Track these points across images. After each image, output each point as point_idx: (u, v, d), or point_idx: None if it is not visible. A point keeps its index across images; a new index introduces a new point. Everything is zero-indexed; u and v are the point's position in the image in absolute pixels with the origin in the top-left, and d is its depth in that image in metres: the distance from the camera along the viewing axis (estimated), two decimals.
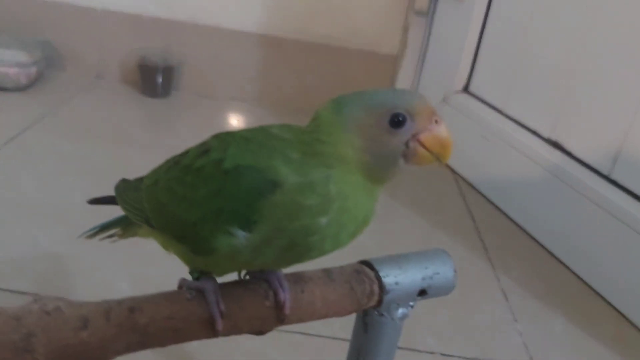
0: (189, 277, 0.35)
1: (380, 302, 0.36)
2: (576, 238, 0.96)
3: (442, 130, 0.31)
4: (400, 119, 0.30)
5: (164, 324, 0.30)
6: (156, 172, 0.37)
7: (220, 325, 0.31)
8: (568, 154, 1.02)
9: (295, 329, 0.72)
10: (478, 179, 1.20)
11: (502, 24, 1.19)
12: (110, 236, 0.45)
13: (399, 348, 0.71)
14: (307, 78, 1.46)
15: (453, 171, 1.26)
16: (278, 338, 0.70)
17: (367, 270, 0.36)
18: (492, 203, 1.14)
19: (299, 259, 0.32)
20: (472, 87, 1.28)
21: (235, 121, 1.42)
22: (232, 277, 0.36)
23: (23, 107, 1.27)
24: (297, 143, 0.31)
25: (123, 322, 0.28)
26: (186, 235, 0.32)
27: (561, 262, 0.98)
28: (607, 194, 0.92)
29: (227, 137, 0.33)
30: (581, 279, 0.94)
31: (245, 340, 0.67)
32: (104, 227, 0.44)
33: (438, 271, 0.37)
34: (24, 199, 0.92)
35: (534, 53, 1.10)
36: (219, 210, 0.30)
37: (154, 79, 1.41)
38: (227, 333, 0.32)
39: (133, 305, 0.29)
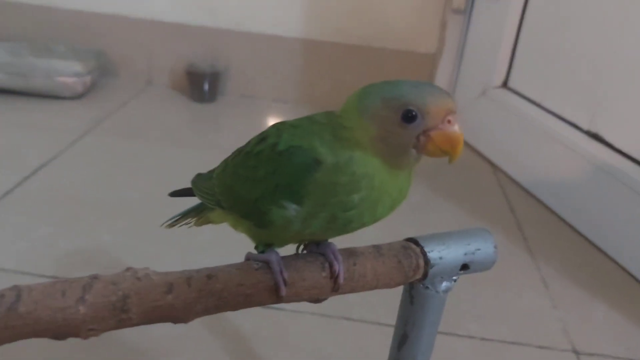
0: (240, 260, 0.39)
1: (425, 275, 0.39)
2: (618, 228, 0.96)
3: (453, 130, 0.32)
4: (412, 114, 0.31)
5: (236, 290, 0.34)
6: (224, 161, 0.42)
7: (283, 291, 0.35)
8: (608, 145, 1.03)
9: (340, 314, 0.76)
10: (517, 171, 1.21)
11: (539, 19, 1.21)
12: (187, 223, 0.50)
13: (440, 333, 0.74)
14: (346, 79, 1.51)
15: (492, 164, 1.28)
16: (325, 324, 0.74)
17: (413, 246, 0.40)
18: (531, 195, 1.16)
19: (343, 229, 0.35)
20: (511, 83, 1.29)
21: (277, 121, 1.47)
22: (292, 251, 0.40)
23: (81, 114, 1.36)
24: (329, 127, 0.34)
25: (202, 288, 0.33)
26: (249, 211, 0.37)
27: (602, 252, 0.99)
28: None
29: (281, 126, 0.38)
30: (623, 268, 0.95)
31: (294, 325, 0.72)
32: (182, 215, 0.50)
33: (479, 247, 0.40)
34: (85, 196, 0.99)
35: (571, 46, 1.11)
36: (275, 187, 0.34)
37: (201, 84, 1.48)
38: (288, 300, 0.36)
39: (210, 273, 0.34)
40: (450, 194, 1.14)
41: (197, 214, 0.48)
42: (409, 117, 0.31)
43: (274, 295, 0.35)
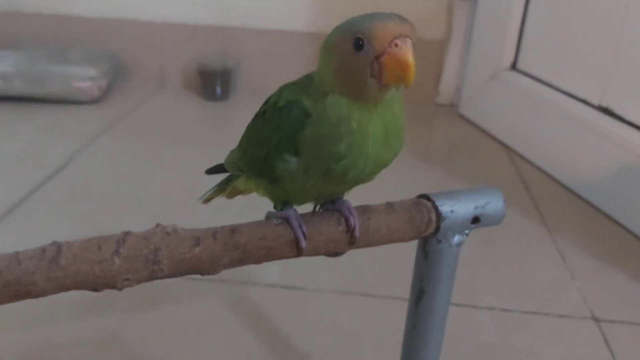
0: None
1: (437, 229, 0.41)
2: (631, 197, 0.97)
3: (399, 53, 0.32)
4: (360, 42, 0.32)
5: (259, 243, 0.36)
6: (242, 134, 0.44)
7: (303, 243, 0.37)
8: (619, 118, 1.03)
9: (360, 290, 0.77)
10: (530, 151, 1.22)
11: None
12: (219, 196, 0.53)
13: (460, 305, 0.76)
14: None
15: (505, 146, 1.29)
16: (345, 301, 0.76)
17: (425, 201, 0.42)
18: (545, 173, 1.16)
19: (344, 179, 0.36)
20: (520, 64, 1.30)
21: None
22: (309, 210, 0.42)
23: (98, 116, 1.39)
24: (313, 79, 0.37)
25: (227, 241, 0.35)
26: (261, 169, 0.39)
27: (618, 223, 0.99)
28: None
29: (285, 85, 0.40)
30: (639, 237, 0.95)
31: (315, 303, 0.74)
32: (214, 189, 0.52)
33: (489, 201, 0.42)
34: (107, 192, 1.02)
35: (578, 23, 1.11)
36: (278, 141, 0.36)
37: (213, 83, 1.50)
38: (308, 253, 0.38)
39: (234, 228, 0.36)
40: (465, 177, 1.15)
41: (226, 185, 0.51)
42: (358, 45, 0.32)
43: (294, 248, 0.37)
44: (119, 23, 1.55)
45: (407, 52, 0.32)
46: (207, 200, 0.54)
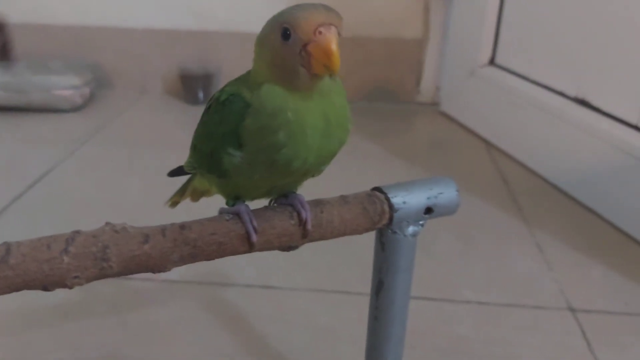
0: None
1: (391, 220, 0.41)
2: (609, 188, 0.98)
3: (322, 40, 0.32)
4: (287, 32, 0.33)
5: (210, 239, 0.36)
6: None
7: (254, 237, 0.37)
8: (596, 109, 1.04)
9: (335, 288, 0.78)
10: (509, 145, 1.23)
11: None
12: (182, 199, 0.53)
13: (436, 299, 0.76)
14: None
15: (485, 141, 1.30)
16: (321, 299, 0.76)
17: (378, 194, 0.42)
18: (524, 166, 1.17)
19: (288, 170, 0.36)
20: (498, 59, 1.31)
21: None
22: (262, 205, 0.42)
23: (80, 124, 1.39)
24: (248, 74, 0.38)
25: (177, 237, 0.35)
26: (210, 165, 0.40)
27: (596, 214, 1.00)
28: (636, 142, 0.94)
29: (229, 81, 0.40)
30: (619, 229, 0.96)
31: (291, 301, 0.74)
32: (177, 192, 0.53)
33: (442, 191, 0.43)
34: (87, 198, 1.02)
35: (553, 16, 1.12)
36: (222, 136, 0.37)
37: (195, 88, 1.51)
38: (260, 247, 0.38)
39: (183, 224, 0.36)
40: (445, 172, 1.16)
41: (186, 185, 0.51)
42: (286, 34, 0.33)
43: (246, 243, 0.37)
44: (99, 31, 1.55)
45: (330, 40, 0.32)
46: (174, 204, 0.54)
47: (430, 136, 1.43)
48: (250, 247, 0.38)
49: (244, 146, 0.36)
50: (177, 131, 1.41)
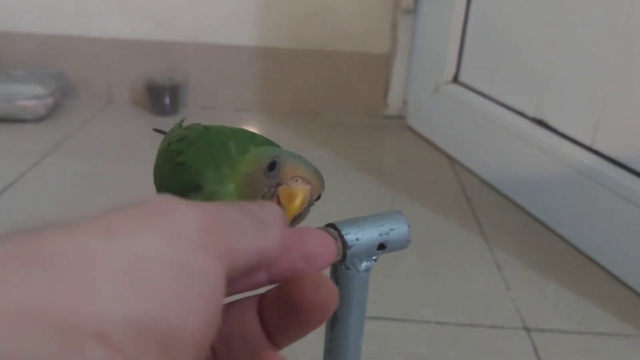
0: None
1: (344, 256, 0.42)
2: (565, 207, 1.01)
3: (293, 187, 0.35)
4: (274, 166, 0.35)
5: None
6: (166, 139, 0.44)
7: None
8: (553, 130, 1.07)
9: None
10: (471, 161, 1.25)
11: (482, 14, 1.25)
12: None
13: (396, 320, 0.77)
14: (304, 83, 1.54)
15: (449, 156, 1.32)
16: None
17: (332, 230, 0.43)
18: (486, 183, 1.20)
19: None
20: (461, 77, 1.34)
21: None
22: None
23: (43, 136, 1.37)
24: (236, 164, 0.38)
25: None
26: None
27: (553, 232, 1.03)
28: (591, 163, 0.97)
29: (202, 135, 0.40)
30: (573, 246, 0.98)
31: None
32: None
33: (393, 227, 0.43)
34: (47, 215, 1.00)
35: (514, 38, 1.16)
36: (169, 189, 0.37)
37: (161, 98, 1.50)
38: None
39: None
40: (410, 187, 1.17)
41: None
42: (272, 165, 0.35)
43: None
44: (65, 40, 1.53)
45: (300, 191, 0.35)
46: None
47: (396, 151, 1.45)
48: None
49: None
50: (143, 142, 1.40)
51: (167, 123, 0.43)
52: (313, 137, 1.39)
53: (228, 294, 0.20)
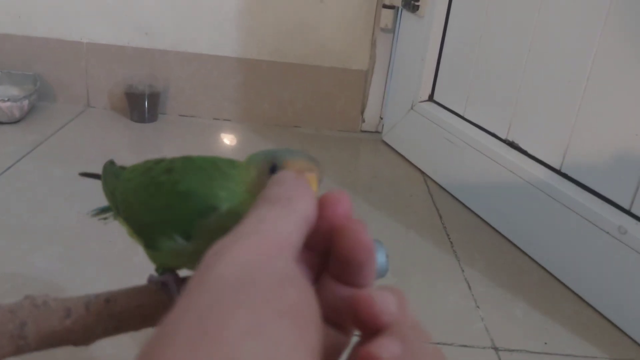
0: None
1: None
2: (533, 228, 1.03)
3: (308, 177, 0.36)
4: (275, 167, 0.36)
5: (135, 312, 0.37)
6: (135, 169, 0.43)
7: None
8: (523, 152, 1.10)
9: None
10: (444, 179, 1.28)
11: (459, 36, 1.28)
12: (108, 217, 0.52)
13: None
14: (284, 96, 1.55)
15: (423, 173, 1.34)
16: None
17: None
18: (458, 201, 1.22)
19: None
20: (437, 96, 1.36)
21: (218, 139, 1.50)
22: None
23: (17, 139, 1.35)
24: (236, 177, 0.38)
25: (101, 311, 0.36)
26: (141, 230, 0.40)
27: (522, 251, 1.05)
28: (559, 186, 1.00)
29: (188, 163, 0.40)
30: (541, 266, 1.01)
31: None
32: (103, 209, 0.52)
33: None
34: (20, 222, 0.99)
35: (489, 62, 1.18)
36: (167, 220, 0.37)
37: (140, 105, 1.49)
38: None
39: (109, 297, 0.37)
40: (384, 203, 1.19)
41: (109, 211, 0.50)
42: (273, 168, 0.36)
43: None
44: (44, 42, 1.51)
45: (312, 180, 0.35)
46: (95, 216, 0.53)
47: (372, 165, 1.47)
48: None
49: (194, 239, 0.36)
50: (120, 149, 1.39)
51: (146, 130, 0.42)
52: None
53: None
